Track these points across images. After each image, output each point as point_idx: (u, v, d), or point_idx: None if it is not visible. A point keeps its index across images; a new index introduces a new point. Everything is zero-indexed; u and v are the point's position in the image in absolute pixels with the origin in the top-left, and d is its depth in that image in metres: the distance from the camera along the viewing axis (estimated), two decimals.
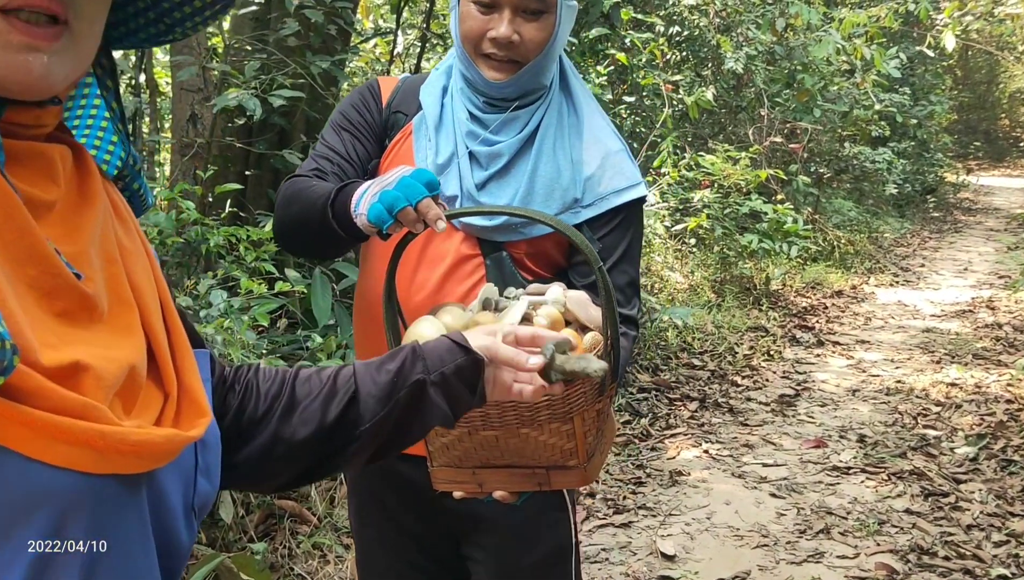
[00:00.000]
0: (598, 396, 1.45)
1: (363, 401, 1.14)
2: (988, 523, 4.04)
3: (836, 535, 3.99)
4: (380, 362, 1.17)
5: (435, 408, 1.17)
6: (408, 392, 1.15)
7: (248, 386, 1.13)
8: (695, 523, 4.12)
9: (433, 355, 1.17)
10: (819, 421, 5.46)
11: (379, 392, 1.14)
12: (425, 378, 1.15)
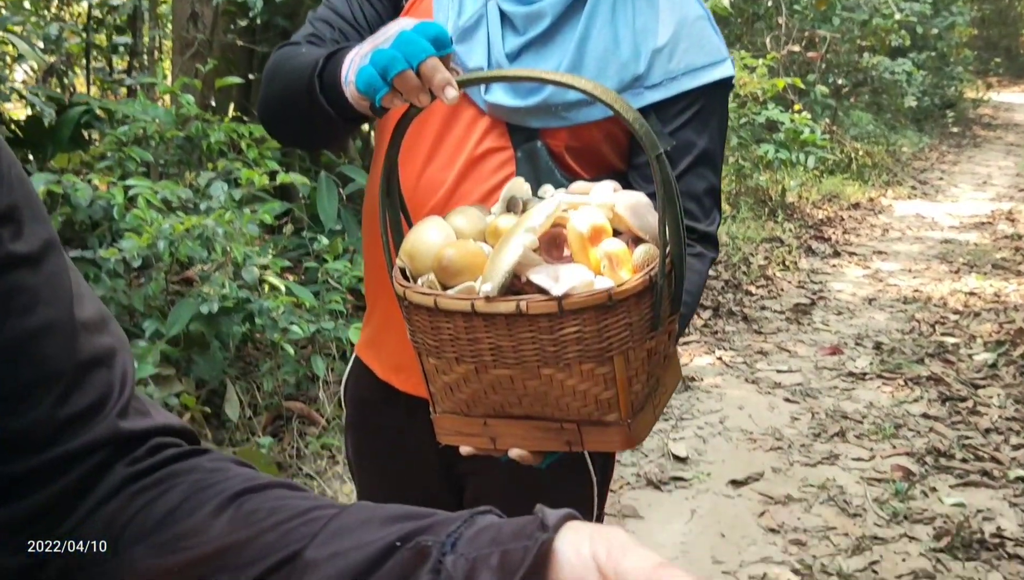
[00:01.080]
0: (649, 331, 1.12)
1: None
2: (1007, 427, 3.98)
3: (851, 438, 3.93)
4: (390, 515, 0.69)
5: None
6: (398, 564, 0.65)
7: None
8: (708, 427, 4.06)
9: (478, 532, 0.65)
10: (834, 329, 5.38)
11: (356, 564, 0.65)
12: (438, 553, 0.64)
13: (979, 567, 2.96)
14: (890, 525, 3.24)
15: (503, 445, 1.22)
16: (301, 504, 0.70)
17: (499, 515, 0.68)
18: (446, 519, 0.67)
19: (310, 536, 0.66)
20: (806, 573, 2.95)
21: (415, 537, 0.65)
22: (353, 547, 0.65)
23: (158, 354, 2.94)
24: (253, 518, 0.68)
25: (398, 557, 0.64)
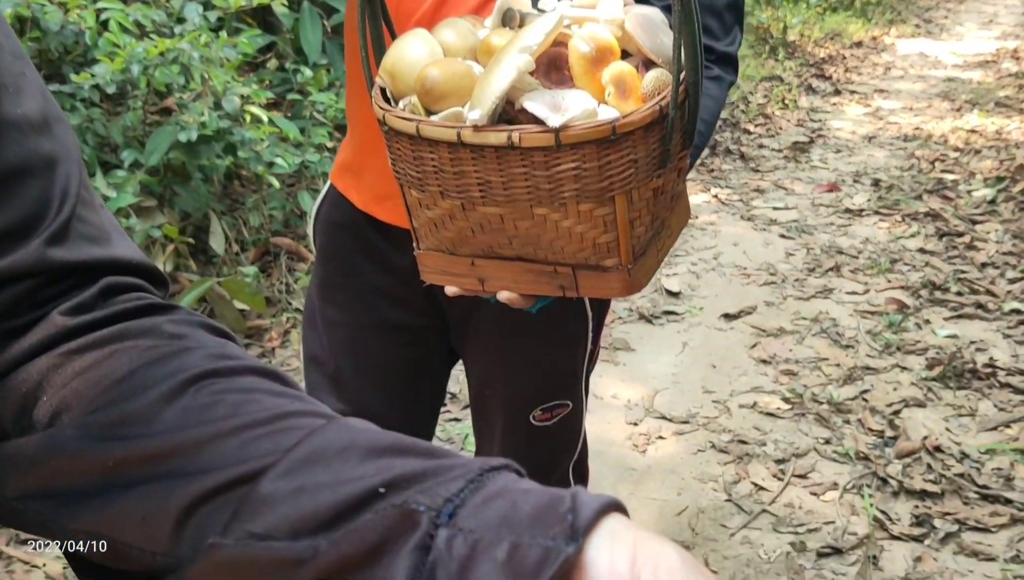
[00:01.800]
0: (657, 169, 1.01)
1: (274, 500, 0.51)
2: (1003, 261, 3.93)
3: (846, 273, 3.89)
4: (378, 445, 0.54)
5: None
6: (371, 528, 0.49)
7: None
8: (701, 263, 4.02)
9: (490, 505, 0.49)
10: (833, 167, 5.29)
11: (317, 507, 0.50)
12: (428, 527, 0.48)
13: (970, 395, 2.96)
14: (882, 356, 3.23)
15: (492, 287, 1.14)
16: (274, 405, 0.55)
17: (518, 471, 0.52)
18: (448, 468, 0.50)
19: (274, 455, 0.51)
20: (796, 402, 2.95)
21: (404, 488, 0.49)
22: (324, 484, 0.50)
23: (137, 184, 2.85)
24: (211, 414, 0.54)
25: (378, 511, 0.48)
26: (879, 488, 2.53)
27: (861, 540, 2.32)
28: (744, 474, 2.60)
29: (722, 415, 2.91)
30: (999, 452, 2.65)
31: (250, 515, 0.49)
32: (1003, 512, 2.39)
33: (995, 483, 2.51)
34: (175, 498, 0.51)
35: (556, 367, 1.56)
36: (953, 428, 2.79)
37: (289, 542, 0.48)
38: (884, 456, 2.66)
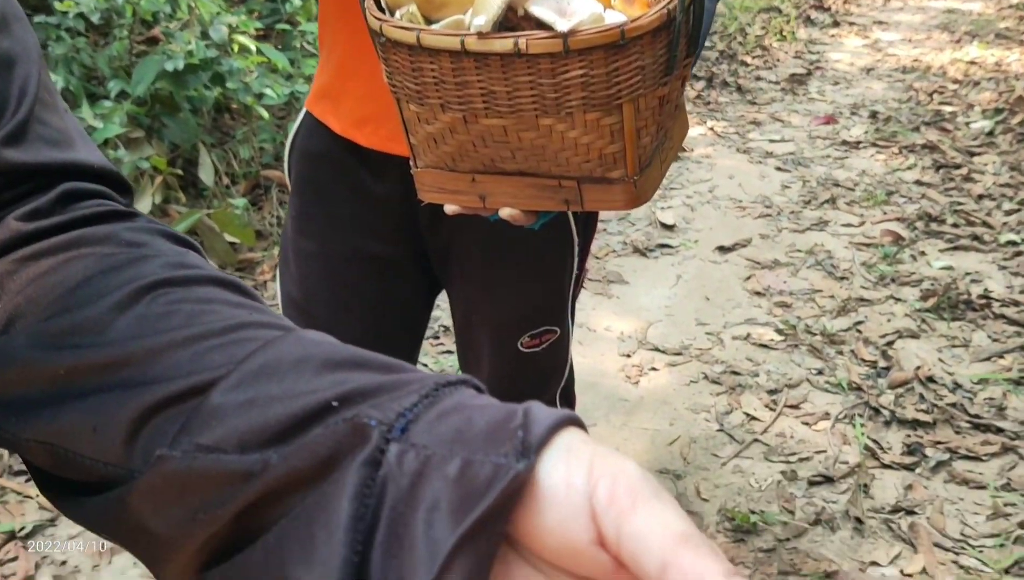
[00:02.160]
0: (663, 76, 0.99)
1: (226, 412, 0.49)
2: (1000, 193, 3.91)
3: (842, 205, 3.86)
4: (333, 358, 0.51)
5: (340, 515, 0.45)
6: (322, 443, 0.47)
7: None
8: (696, 196, 3.99)
9: (442, 423, 0.47)
10: (830, 99, 5.23)
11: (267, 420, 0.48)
12: (379, 439, 0.46)
13: (964, 326, 2.95)
14: (876, 288, 3.22)
15: (493, 204, 1.11)
16: (231, 315, 0.53)
17: (476, 387, 0.49)
18: (405, 382, 0.48)
19: (227, 367, 0.49)
20: (789, 333, 2.94)
21: (358, 403, 0.46)
22: (276, 397, 0.47)
23: (124, 115, 2.81)
24: (165, 323, 0.51)
25: (329, 425, 0.46)
26: (871, 418, 2.53)
27: (852, 469, 2.32)
28: (736, 404, 2.60)
29: (715, 347, 2.90)
30: (992, 382, 2.65)
31: (199, 427, 0.47)
32: (994, 441, 2.39)
33: (987, 413, 2.51)
34: (126, 409, 0.49)
35: (543, 293, 1.55)
36: (946, 359, 2.78)
37: (238, 455, 0.46)
38: (877, 386, 2.66)
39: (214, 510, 0.46)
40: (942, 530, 2.11)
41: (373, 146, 1.39)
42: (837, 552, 2.07)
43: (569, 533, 0.42)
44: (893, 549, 2.06)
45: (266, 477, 0.45)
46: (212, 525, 0.47)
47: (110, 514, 0.51)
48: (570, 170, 1.03)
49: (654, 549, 0.40)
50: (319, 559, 0.43)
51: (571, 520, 0.42)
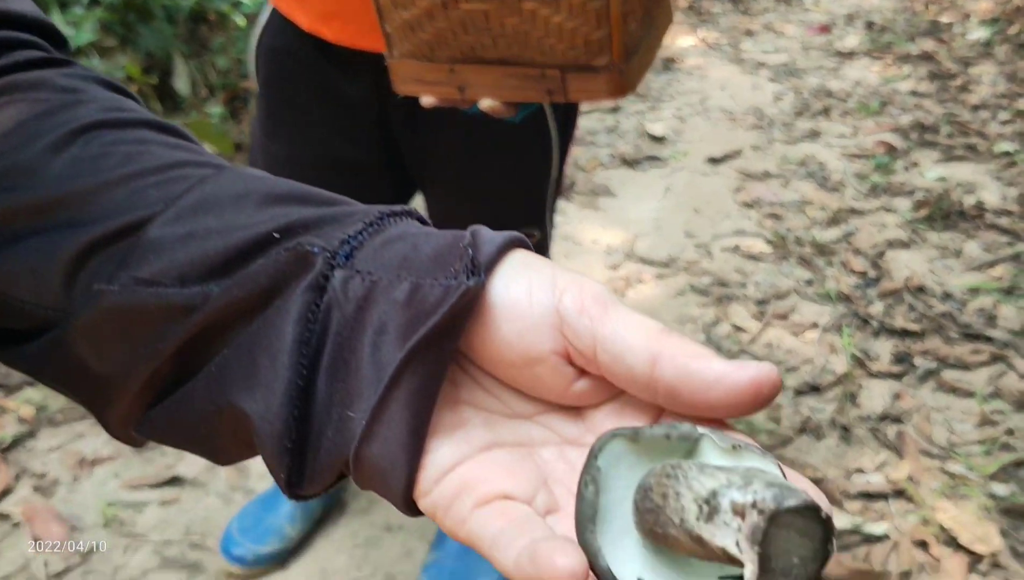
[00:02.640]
0: None
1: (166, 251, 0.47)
2: (996, 103, 3.83)
3: (835, 116, 3.79)
4: (274, 193, 0.49)
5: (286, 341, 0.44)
6: (263, 271, 0.45)
7: None
8: (687, 107, 3.91)
9: (392, 247, 0.46)
10: (825, 8, 5.11)
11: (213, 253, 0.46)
12: (326, 262, 0.45)
13: (956, 236, 2.90)
14: (868, 198, 3.16)
15: (472, 95, 1.07)
16: (166, 156, 0.51)
17: (421, 219, 0.49)
18: (349, 214, 0.47)
19: (164, 203, 0.47)
20: (779, 244, 2.89)
21: (300, 233, 0.45)
22: (215, 230, 0.46)
23: (96, 22, 2.72)
24: (101, 164, 0.50)
25: (271, 256, 0.45)
26: (859, 328, 2.50)
27: (839, 378, 2.30)
28: (724, 316, 2.57)
29: (703, 259, 2.86)
30: (983, 292, 2.61)
31: (137, 262, 0.46)
32: (984, 350, 2.36)
33: (977, 322, 2.48)
34: (63, 249, 0.48)
35: (522, 194, 1.50)
36: (937, 269, 2.74)
37: (178, 289, 0.45)
38: (866, 297, 2.63)
39: (155, 345, 0.46)
40: (929, 437, 2.09)
41: (341, 42, 1.33)
42: (823, 460, 2.05)
43: (531, 344, 0.43)
44: (879, 456, 2.05)
45: (207, 309, 0.45)
46: (154, 361, 0.46)
47: (51, 357, 0.50)
48: (554, 58, 0.99)
49: (638, 345, 0.41)
50: (262, 383, 0.43)
51: (533, 331, 0.43)
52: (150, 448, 2.12)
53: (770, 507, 0.32)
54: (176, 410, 0.47)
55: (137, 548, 1.88)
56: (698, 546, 0.35)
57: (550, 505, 0.43)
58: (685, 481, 0.36)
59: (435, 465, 0.43)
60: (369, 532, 1.92)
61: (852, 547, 1.83)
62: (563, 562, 0.36)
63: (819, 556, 0.33)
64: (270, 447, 0.44)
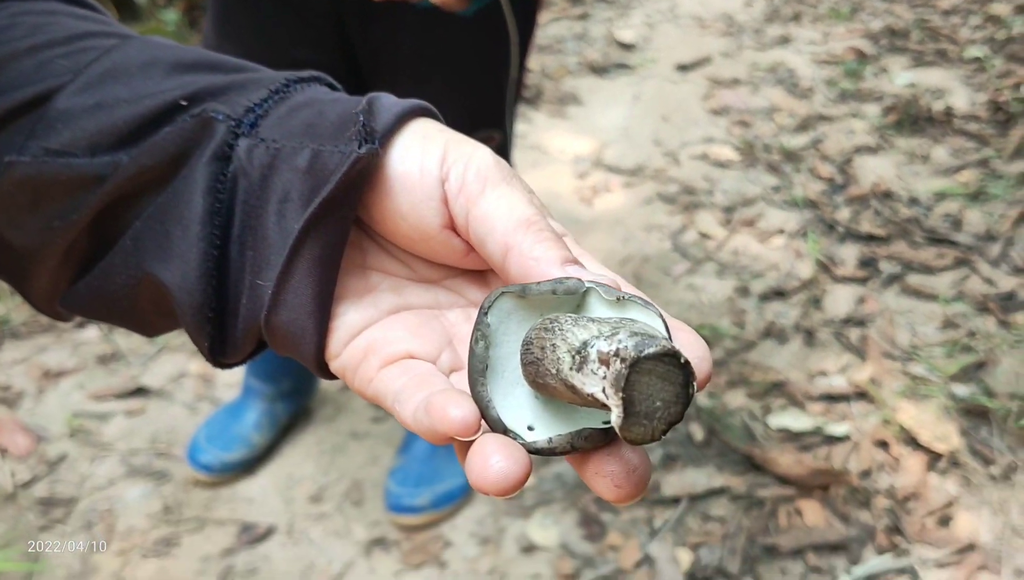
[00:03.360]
0: None
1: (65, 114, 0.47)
2: (967, 8, 3.80)
3: (806, 22, 3.75)
4: (182, 61, 0.49)
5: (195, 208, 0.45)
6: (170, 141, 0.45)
7: None
8: (656, 14, 3.85)
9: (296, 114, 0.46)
10: None
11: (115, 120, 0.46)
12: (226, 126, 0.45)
13: (923, 142, 2.90)
14: (837, 104, 3.14)
15: None
16: (74, 26, 0.50)
17: (331, 85, 0.50)
18: (255, 81, 0.47)
19: (71, 73, 0.47)
20: (747, 151, 2.88)
21: (206, 100, 0.46)
22: (123, 99, 0.46)
23: None
24: (7, 35, 0.49)
25: (177, 124, 0.45)
26: (825, 234, 2.50)
27: (804, 283, 2.31)
28: (691, 223, 2.56)
29: (671, 166, 2.84)
30: (949, 196, 2.62)
31: (46, 132, 0.46)
32: (948, 254, 2.38)
33: (943, 226, 2.49)
34: None
35: (480, 94, 1.47)
36: (904, 174, 2.74)
37: (88, 158, 0.46)
38: (833, 203, 2.62)
39: (69, 216, 0.46)
40: (892, 340, 2.11)
41: None
42: (787, 363, 2.07)
43: (422, 217, 0.44)
44: (842, 359, 2.06)
45: (118, 178, 0.45)
46: (69, 232, 0.47)
47: None
48: None
49: (498, 233, 0.42)
50: (177, 254, 0.44)
51: (423, 204, 0.44)
52: (115, 359, 2.11)
53: (631, 355, 0.34)
54: (97, 284, 0.48)
55: (104, 458, 1.88)
56: (574, 394, 0.36)
57: (455, 363, 0.45)
58: (561, 334, 0.37)
59: (344, 328, 0.45)
60: (335, 439, 1.93)
61: (814, 447, 1.86)
62: (455, 413, 0.38)
63: (680, 399, 0.35)
64: (190, 318, 0.44)
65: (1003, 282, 2.27)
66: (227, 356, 0.47)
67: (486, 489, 0.37)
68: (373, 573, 1.67)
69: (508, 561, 1.69)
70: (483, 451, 0.38)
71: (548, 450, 0.39)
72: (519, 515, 1.76)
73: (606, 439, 0.39)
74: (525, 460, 0.38)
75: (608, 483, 0.38)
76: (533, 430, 0.41)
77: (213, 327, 0.45)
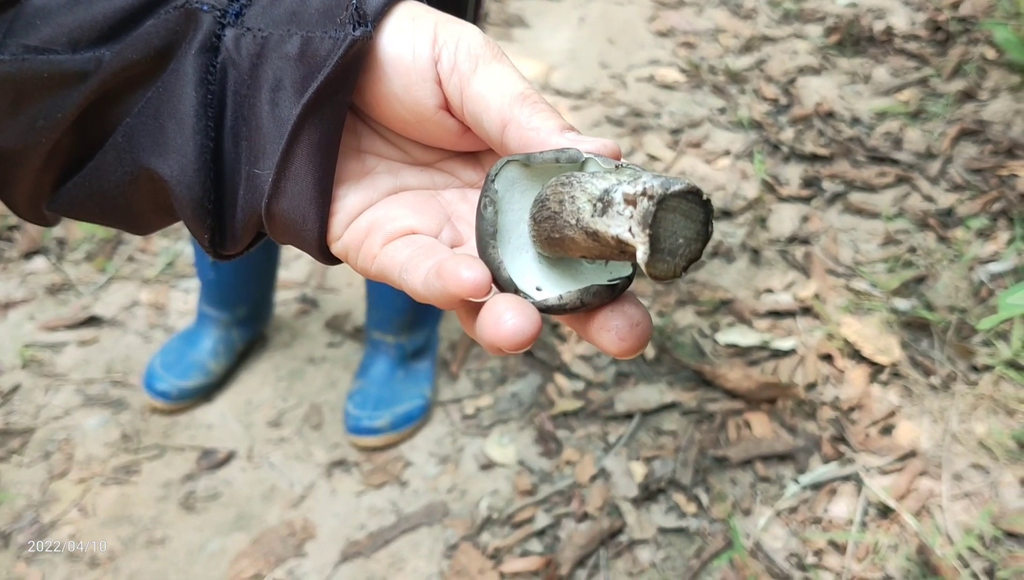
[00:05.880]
0: None
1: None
2: None
3: None
4: None
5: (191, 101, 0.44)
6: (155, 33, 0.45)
7: None
8: None
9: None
10: None
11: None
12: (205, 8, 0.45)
13: (865, 62, 2.94)
14: (780, 25, 3.16)
15: None
16: None
17: None
18: None
19: None
20: (693, 73, 2.89)
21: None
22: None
23: None
24: None
25: (160, 16, 0.44)
26: (771, 154, 2.54)
27: (750, 203, 2.35)
28: (639, 145, 2.58)
29: (618, 89, 2.85)
30: (890, 116, 2.66)
31: (23, 29, 0.45)
32: (890, 172, 2.43)
33: (884, 145, 2.54)
34: None
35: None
36: (847, 94, 2.78)
37: (69, 54, 0.45)
38: (777, 123, 2.66)
39: (53, 114, 0.46)
40: (835, 257, 2.17)
41: None
42: (733, 282, 2.11)
43: (416, 99, 0.45)
44: (787, 277, 2.12)
45: (102, 74, 0.45)
46: (54, 132, 0.46)
47: None
48: None
49: (493, 109, 0.43)
50: (173, 148, 0.44)
51: (416, 86, 0.44)
52: (64, 290, 2.09)
53: (659, 192, 0.35)
54: (89, 183, 0.48)
55: (59, 388, 1.88)
56: (593, 241, 0.38)
57: (455, 239, 0.47)
58: (579, 185, 0.39)
59: (344, 211, 0.46)
60: (292, 365, 1.94)
61: (761, 362, 1.91)
62: (468, 274, 0.39)
63: (701, 236, 0.37)
64: (191, 211, 0.45)
65: (942, 199, 2.33)
66: (227, 247, 0.47)
67: (499, 344, 0.39)
68: (334, 494, 1.70)
69: (468, 478, 1.73)
70: (496, 309, 0.40)
71: (559, 306, 0.41)
72: (477, 434, 1.80)
73: (612, 295, 0.41)
74: (536, 317, 0.40)
75: (612, 336, 0.41)
76: (541, 290, 0.43)
77: (213, 219, 0.46)
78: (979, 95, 2.72)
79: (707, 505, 1.67)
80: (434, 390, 1.87)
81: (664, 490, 1.70)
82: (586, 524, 1.64)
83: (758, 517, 1.65)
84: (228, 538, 1.64)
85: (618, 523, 1.63)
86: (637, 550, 1.60)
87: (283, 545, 1.62)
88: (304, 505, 1.68)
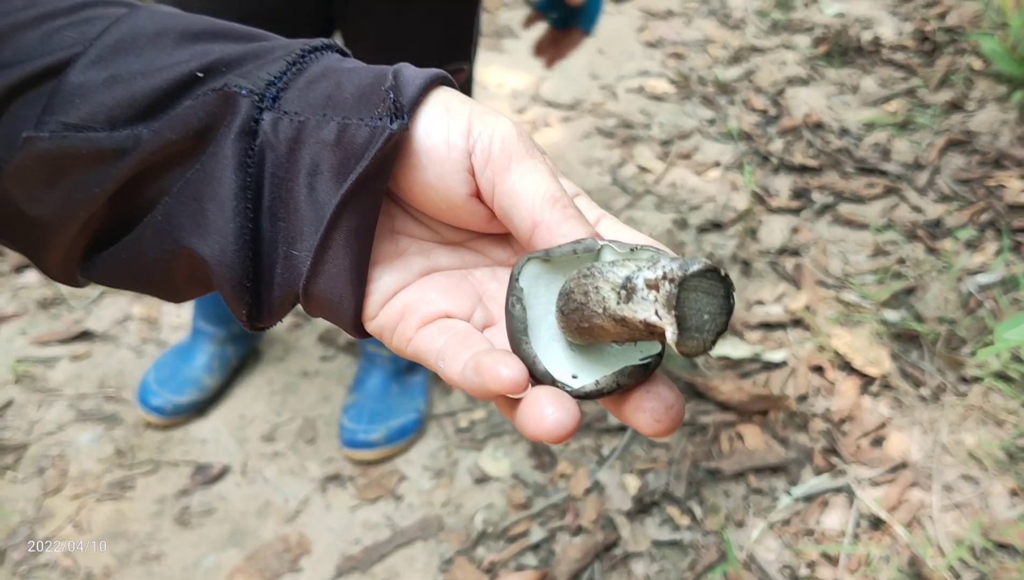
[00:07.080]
0: None
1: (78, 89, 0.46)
2: None
3: None
4: (192, 30, 0.49)
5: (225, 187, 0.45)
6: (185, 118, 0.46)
7: None
8: None
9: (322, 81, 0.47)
10: None
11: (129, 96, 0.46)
12: (246, 97, 0.45)
13: (853, 73, 2.96)
14: (769, 36, 3.19)
15: None
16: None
17: (341, 51, 0.50)
18: (269, 50, 0.47)
19: (81, 45, 0.46)
20: (682, 83, 2.91)
21: (224, 72, 0.46)
22: (138, 72, 0.46)
23: None
24: (7, 7, 0.48)
25: (197, 97, 0.45)
26: (760, 165, 2.55)
27: (740, 215, 2.36)
28: (629, 157, 2.60)
29: (608, 100, 2.86)
30: (878, 126, 2.69)
31: (63, 107, 0.46)
32: (878, 183, 2.45)
33: (872, 156, 2.56)
34: None
35: (455, 24, 1.48)
36: (835, 105, 2.80)
37: (108, 132, 0.46)
38: (767, 134, 2.68)
39: (91, 189, 0.47)
40: (825, 269, 2.18)
41: None
42: None
43: (449, 187, 0.46)
44: (778, 288, 2.13)
45: (140, 152, 0.46)
46: (90, 205, 0.47)
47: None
48: None
49: (524, 209, 0.45)
50: (214, 229, 0.45)
51: (450, 176, 0.46)
52: (56, 304, 2.09)
53: (678, 275, 0.37)
54: (126, 256, 0.49)
55: (51, 403, 1.88)
56: (622, 326, 0.40)
57: (487, 320, 0.48)
58: (601, 275, 0.41)
59: (379, 292, 0.47)
60: (286, 379, 1.95)
61: (752, 374, 1.92)
62: (506, 372, 0.41)
63: (725, 310, 0.39)
64: (230, 289, 0.46)
65: (930, 210, 2.35)
66: (263, 321, 0.49)
67: (543, 438, 0.41)
68: (329, 509, 1.71)
69: (462, 492, 1.73)
70: (537, 404, 0.41)
71: (596, 392, 0.43)
72: (471, 448, 1.81)
73: (646, 374, 0.43)
74: (575, 410, 0.41)
75: (648, 418, 0.42)
76: (576, 378, 0.45)
77: (251, 296, 0.47)
78: (966, 106, 2.74)
79: (701, 517, 1.68)
80: (428, 403, 1.87)
81: (658, 503, 1.71)
82: (580, 537, 1.65)
83: (751, 529, 1.66)
84: (223, 554, 1.64)
85: (612, 536, 1.64)
86: (632, 563, 1.61)
87: (278, 560, 1.63)
88: (299, 520, 1.69)
